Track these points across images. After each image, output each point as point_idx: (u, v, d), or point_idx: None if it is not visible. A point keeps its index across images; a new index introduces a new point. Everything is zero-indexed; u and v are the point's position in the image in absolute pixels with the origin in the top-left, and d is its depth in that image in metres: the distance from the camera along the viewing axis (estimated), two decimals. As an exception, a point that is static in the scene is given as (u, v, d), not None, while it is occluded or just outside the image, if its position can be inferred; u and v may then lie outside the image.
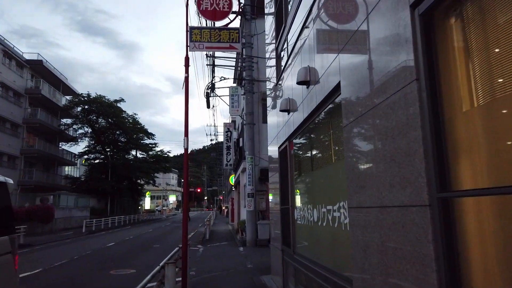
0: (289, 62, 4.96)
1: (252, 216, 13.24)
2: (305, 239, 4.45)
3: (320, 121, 3.86)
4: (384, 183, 2.11)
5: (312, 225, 3.99)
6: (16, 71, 29.34)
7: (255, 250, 11.94)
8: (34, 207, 21.39)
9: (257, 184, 13.76)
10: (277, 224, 6.01)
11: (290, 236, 5.03)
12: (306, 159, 4.57)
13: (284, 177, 5.55)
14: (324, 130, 3.80)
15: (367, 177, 2.36)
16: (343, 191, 2.98)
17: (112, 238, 17.88)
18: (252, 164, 13.41)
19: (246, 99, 13.63)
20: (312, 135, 4.26)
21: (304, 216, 4.34)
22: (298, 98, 4.45)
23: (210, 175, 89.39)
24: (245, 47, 13.70)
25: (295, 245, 4.88)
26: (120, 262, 10.22)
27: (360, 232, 2.43)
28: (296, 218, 4.79)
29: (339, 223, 3.09)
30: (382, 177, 2.13)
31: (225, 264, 9.31)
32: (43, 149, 30.84)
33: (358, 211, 2.48)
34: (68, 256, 11.39)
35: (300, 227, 4.61)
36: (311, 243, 4.17)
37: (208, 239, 15.85)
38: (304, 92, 4.10)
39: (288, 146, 5.23)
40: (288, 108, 4.96)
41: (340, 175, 3.13)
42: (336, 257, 3.29)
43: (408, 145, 1.84)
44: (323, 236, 3.67)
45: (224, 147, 21.97)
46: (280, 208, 5.74)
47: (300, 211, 4.55)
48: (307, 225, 4.24)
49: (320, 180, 3.88)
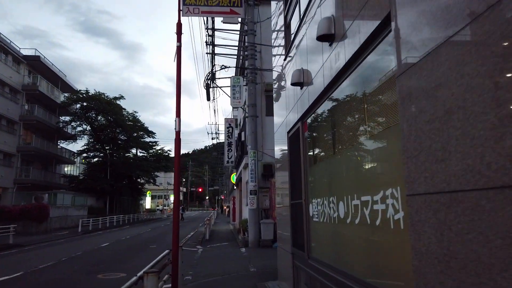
0: (303, 21, 4.04)
1: (254, 215, 12.34)
2: (325, 240, 3.54)
3: (347, 87, 2.95)
4: (491, 148, 1.21)
5: (337, 223, 3.09)
6: (13, 67, 28.57)
7: (258, 252, 11.04)
8: (28, 206, 20.57)
9: (260, 181, 12.86)
10: (286, 222, 5.11)
11: (303, 236, 4.12)
12: (326, 141, 3.66)
13: (295, 166, 4.65)
14: (353, 99, 2.88)
15: (450, 143, 1.45)
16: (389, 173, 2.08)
17: (107, 238, 17.03)
18: (255, 159, 12.51)
19: (248, 89, 12.73)
20: (334, 109, 3.35)
21: (324, 212, 3.44)
22: (316, 63, 3.54)
23: (211, 174, 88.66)
24: (247, 35, 12.80)
25: (310, 247, 3.98)
26: (111, 264, 9.34)
27: (434, 233, 1.53)
28: (312, 214, 3.89)
29: (384, 219, 2.19)
30: (485, 139, 1.24)
31: (226, 267, 8.41)
32: (40, 146, 30.07)
33: (431, 199, 1.57)
34: (56, 257, 10.53)
35: (318, 225, 3.70)
36: (334, 246, 3.26)
37: (208, 239, 14.97)
38: (325, 52, 3.19)
39: (300, 128, 4.32)
40: (301, 80, 4.06)
41: (383, 151, 2.23)
42: (376, 267, 2.38)
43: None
44: (353, 237, 2.76)
45: (225, 144, 21.08)
46: (290, 204, 4.84)
47: (318, 206, 3.65)
48: (328, 223, 3.33)
49: (349, 164, 2.98)
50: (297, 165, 4.53)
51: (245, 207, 16.66)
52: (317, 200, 3.72)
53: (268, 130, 13.48)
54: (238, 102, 12.68)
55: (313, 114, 3.96)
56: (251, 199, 12.38)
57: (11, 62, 28.45)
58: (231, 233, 18.95)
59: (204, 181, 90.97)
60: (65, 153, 35.68)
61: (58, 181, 33.66)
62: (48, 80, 32.24)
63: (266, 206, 12.82)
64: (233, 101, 12.66)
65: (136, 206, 44.35)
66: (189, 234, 18.49)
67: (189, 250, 11.76)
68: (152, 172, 40.16)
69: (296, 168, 4.63)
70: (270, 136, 13.43)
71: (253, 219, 12.27)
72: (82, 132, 34.96)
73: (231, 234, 17.89)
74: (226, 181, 52.13)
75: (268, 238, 11.99)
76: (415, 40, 1.76)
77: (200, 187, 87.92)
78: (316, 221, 3.74)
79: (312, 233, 3.95)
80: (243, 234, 13.59)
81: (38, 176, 30.05)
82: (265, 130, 13.42)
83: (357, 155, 2.78)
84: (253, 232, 12.15)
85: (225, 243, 13.77)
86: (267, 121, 13.48)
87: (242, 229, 13.88)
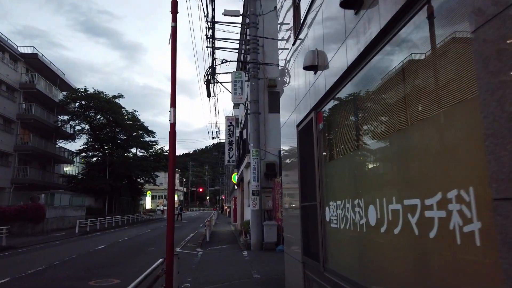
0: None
1: (257, 216, 11.78)
2: (348, 251, 2.97)
3: (382, 60, 2.37)
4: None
5: (365, 231, 2.52)
6: (10, 65, 28.05)
7: (261, 255, 10.48)
8: (24, 206, 20.04)
9: (263, 181, 12.29)
10: (295, 226, 4.54)
11: (318, 245, 3.56)
12: (348, 132, 3.09)
13: (307, 163, 4.09)
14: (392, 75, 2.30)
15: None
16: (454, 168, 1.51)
17: (105, 240, 16.49)
18: (257, 157, 11.94)
19: (250, 85, 12.16)
20: (361, 92, 2.78)
21: (346, 217, 2.87)
22: (335, 40, 2.97)
23: (212, 174, 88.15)
24: (249, 28, 12.24)
25: (326, 258, 3.41)
26: (105, 269, 8.79)
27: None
28: (330, 219, 3.32)
29: (445, 231, 1.61)
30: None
31: (227, 273, 7.85)
32: (38, 146, 29.56)
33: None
34: (48, 261, 9.98)
35: (338, 233, 3.14)
36: (360, 258, 2.69)
37: (208, 241, 14.40)
38: (349, 22, 2.62)
39: (313, 120, 3.76)
40: (315, 63, 3.49)
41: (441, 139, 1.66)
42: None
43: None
44: (391, 250, 2.19)
45: (226, 143, 20.52)
46: (301, 206, 4.27)
47: (338, 210, 3.09)
48: (352, 231, 2.76)
49: (383, 158, 2.41)
50: (309, 162, 3.97)
51: (247, 208, 16.10)
52: (336, 203, 3.15)
53: (271, 128, 12.92)
54: (239, 98, 12.12)
55: (330, 101, 3.39)
56: (253, 200, 11.82)
57: (8, 59, 27.94)
58: (232, 234, 18.39)
59: (204, 181, 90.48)
60: (63, 153, 35.17)
61: (56, 181, 33.14)
62: (46, 78, 31.72)
63: (269, 207, 12.26)
64: (235, 97, 12.10)
65: (136, 207, 43.83)
66: (188, 236, 17.94)
67: (188, 253, 11.21)
68: (152, 172, 39.61)
69: (307, 165, 4.07)
70: (273, 134, 12.87)
71: (256, 221, 11.71)
72: (81, 131, 34.43)
73: (232, 236, 17.33)
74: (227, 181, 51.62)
75: (272, 240, 11.42)
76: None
77: (201, 187, 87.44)
78: (335, 227, 3.17)
79: (329, 241, 3.38)
80: (245, 236, 13.03)
81: (36, 176, 29.53)
82: (268, 128, 12.85)
83: (395, 147, 2.21)
84: (255, 235, 11.59)
85: (226, 245, 13.21)
86: (270, 118, 12.92)
87: (244, 231, 13.32)
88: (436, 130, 1.75)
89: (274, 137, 12.84)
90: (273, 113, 12.88)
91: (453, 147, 1.61)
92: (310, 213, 3.96)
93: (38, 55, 30.30)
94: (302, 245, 4.18)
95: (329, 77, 3.28)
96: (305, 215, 4.21)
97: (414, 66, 2.00)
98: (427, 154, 1.82)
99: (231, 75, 12.22)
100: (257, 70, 12.26)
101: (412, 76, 2.02)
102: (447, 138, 1.66)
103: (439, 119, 1.73)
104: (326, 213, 3.42)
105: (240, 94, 12.09)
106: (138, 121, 38.12)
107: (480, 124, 1.32)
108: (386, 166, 2.35)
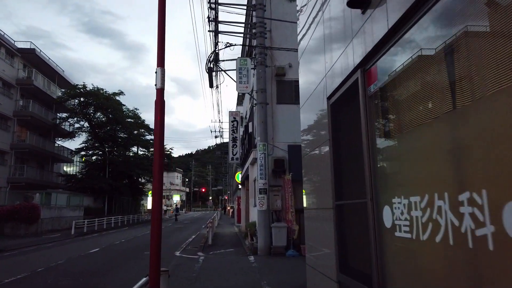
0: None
1: (264, 217, 10.66)
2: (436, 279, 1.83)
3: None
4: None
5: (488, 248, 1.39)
6: (6, 60, 27.15)
7: (269, 261, 9.36)
8: (17, 206, 19.04)
9: (271, 178, 11.17)
10: (323, 233, 3.43)
11: (368, 261, 2.44)
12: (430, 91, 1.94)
13: (345, 146, 2.97)
14: None
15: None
16: None
17: (100, 242, 15.43)
18: (265, 152, 10.83)
19: (257, 73, 11.05)
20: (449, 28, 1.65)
21: (435, 223, 1.74)
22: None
23: (215, 174, 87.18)
24: (255, 10, 11.13)
25: (385, 281, 2.28)
26: (92, 277, 7.72)
27: None
28: (394, 224, 2.20)
29: None
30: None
31: (232, 283, 6.75)
32: (35, 144, 28.65)
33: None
34: (32, 267, 8.92)
35: (411, 246, 2.01)
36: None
37: (211, 244, 13.30)
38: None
39: (360, 82, 2.63)
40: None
41: None
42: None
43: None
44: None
45: (230, 139, 19.41)
46: (335, 206, 3.15)
47: (413, 211, 1.96)
48: (453, 246, 1.63)
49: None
50: (349, 144, 2.85)
51: (252, 208, 14.99)
52: (407, 199, 2.03)
53: (280, 120, 11.81)
54: (245, 87, 11.00)
55: (391, 48, 2.26)
56: (261, 199, 10.70)
57: (5, 54, 27.04)
58: (236, 236, 17.28)
59: (207, 181, 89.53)
60: (63, 152, 34.27)
61: (55, 180, 32.23)
62: (44, 74, 30.82)
63: (278, 207, 11.13)
64: (239, 86, 10.99)
65: (137, 207, 42.89)
66: (190, 238, 16.85)
67: (189, 258, 10.12)
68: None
69: (346, 149, 2.95)
70: (281, 127, 11.75)
71: (263, 222, 10.59)
72: (80, 129, 33.49)
73: (236, 238, 16.22)
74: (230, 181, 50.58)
75: (281, 244, 10.31)
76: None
77: (203, 187, 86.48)
78: (406, 237, 2.05)
79: (391, 258, 2.25)
80: (251, 239, 11.91)
81: (33, 175, 28.63)
82: (275, 120, 11.73)
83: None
84: (263, 238, 10.47)
85: (230, 249, 12.09)
86: (279, 110, 11.80)
87: (250, 233, 12.20)
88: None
89: (282, 130, 11.73)
90: (281, 104, 11.77)
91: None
92: (352, 214, 2.84)
93: (36, 50, 29.39)
94: (338, 258, 3.06)
95: (392, 12, 2.16)
96: (341, 218, 3.08)
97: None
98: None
99: (235, 62, 11.11)
100: (264, 56, 11.14)
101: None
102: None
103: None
104: (386, 215, 2.30)
105: (246, 82, 10.98)
106: (139, 118, 37.16)
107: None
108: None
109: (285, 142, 11.59)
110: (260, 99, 10.92)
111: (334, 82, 3.12)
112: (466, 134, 1.62)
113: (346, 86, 2.89)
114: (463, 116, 1.64)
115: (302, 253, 10.25)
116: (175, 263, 9.18)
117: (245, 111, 19.45)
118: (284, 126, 11.72)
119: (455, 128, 1.70)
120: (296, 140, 11.65)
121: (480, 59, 1.54)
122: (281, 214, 11.17)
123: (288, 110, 11.74)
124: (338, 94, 3.09)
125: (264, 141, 10.88)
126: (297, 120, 11.82)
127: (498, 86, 1.41)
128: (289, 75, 11.83)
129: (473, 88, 1.59)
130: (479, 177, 1.49)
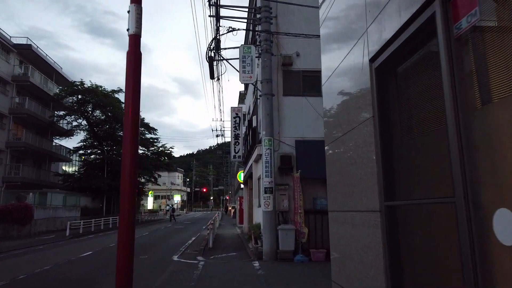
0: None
1: (270, 219, 9.76)
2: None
3: None
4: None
5: None
6: (2, 56, 26.35)
7: (277, 268, 8.46)
8: (9, 206, 18.21)
9: (277, 176, 10.28)
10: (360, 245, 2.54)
11: None
12: None
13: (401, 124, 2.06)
14: None
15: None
16: None
17: (95, 244, 14.56)
18: (271, 148, 9.93)
19: (262, 61, 10.16)
20: None
21: None
22: None
23: (216, 174, 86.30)
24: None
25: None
26: (81, 286, 6.84)
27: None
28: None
29: None
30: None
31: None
32: (32, 142, 27.83)
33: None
34: (13, 274, 8.03)
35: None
36: None
37: (211, 247, 12.40)
38: None
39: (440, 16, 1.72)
40: None
41: None
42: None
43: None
44: None
45: (232, 136, 18.53)
46: (384, 207, 2.24)
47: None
48: None
49: None
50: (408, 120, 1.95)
51: (256, 209, 14.09)
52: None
53: (286, 114, 10.91)
54: (249, 77, 10.10)
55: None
56: (266, 199, 9.80)
57: (0, 50, 26.25)
58: (238, 238, 16.37)
59: (208, 181, 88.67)
60: (60, 150, 33.45)
61: (52, 179, 31.41)
62: (41, 71, 30.02)
63: (285, 208, 10.23)
64: (243, 76, 10.09)
65: (137, 207, 42.06)
66: (190, 240, 15.97)
67: (187, 264, 9.22)
68: (152, 170, 37.77)
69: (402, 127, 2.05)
70: (288, 121, 10.85)
71: (269, 225, 9.69)
72: (78, 127, 32.67)
73: (238, 240, 15.32)
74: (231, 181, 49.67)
75: (288, 249, 9.41)
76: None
77: (205, 187, 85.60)
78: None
79: None
80: (255, 242, 11.00)
81: (29, 174, 27.81)
82: (282, 114, 10.83)
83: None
84: (268, 241, 9.56)
85: (233, 253, 11.19)
86: (285, 102, 10.90)
87: (254, 236, 11.29)
88: None
89: (289, 125, 10.84)
90: (288, 96, 10.87)
91: None
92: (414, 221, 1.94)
93: (32, 46, 28.57)
94: (389, 282, 2.15)
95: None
96: (393, 225, 2.18)
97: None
98: None
99: (238, 50, 10.21)
100: (270, 43, 10.24)
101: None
102: None
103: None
104: (500, 224, 1.39)
105: (250, 72, 10.08)
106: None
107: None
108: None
109: (292, 137, 10.69)
110: (266, 89, 10.02)
111: (384, 33, 2.22)
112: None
113: (407, 34, 1.98)
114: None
115: (312, 258, 9.35)
116: (171, 270, 8.29)
117: (248, 106, 18.56)
118: (291, 120, 10.82)
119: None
120: (304, 135, 10.75)
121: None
122: (288, 215, 10.27)
123: (296, 102, 10.85)
124: (390, 51, 2.19)
125: (270, 136, 9.98)
126: (305, 114, 10.96)
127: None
128: (296, 65, 10.93)
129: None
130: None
